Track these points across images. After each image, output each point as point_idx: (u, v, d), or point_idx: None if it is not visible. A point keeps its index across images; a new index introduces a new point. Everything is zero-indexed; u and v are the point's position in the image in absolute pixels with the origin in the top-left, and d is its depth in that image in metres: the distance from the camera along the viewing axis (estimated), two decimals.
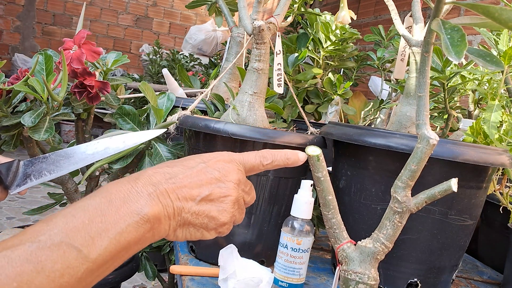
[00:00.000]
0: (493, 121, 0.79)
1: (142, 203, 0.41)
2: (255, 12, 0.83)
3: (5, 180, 0.59)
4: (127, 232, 0.39)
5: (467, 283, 0.93)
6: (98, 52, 0.87)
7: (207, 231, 0.48)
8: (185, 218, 0.46)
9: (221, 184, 0.48)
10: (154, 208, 0.42)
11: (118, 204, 0.40)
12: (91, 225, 0.38)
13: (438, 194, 0.53)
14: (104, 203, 0.40)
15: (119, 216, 0.40)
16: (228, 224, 0.49)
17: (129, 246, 0.40)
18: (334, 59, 1.32)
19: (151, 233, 0.42)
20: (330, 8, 3.50)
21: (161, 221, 0.43)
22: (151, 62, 3.79)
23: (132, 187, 0.43)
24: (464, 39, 0.43)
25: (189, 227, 0.47)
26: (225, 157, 0.51)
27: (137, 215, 0.40)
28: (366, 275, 0.56)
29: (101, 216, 0.39)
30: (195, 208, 0.46)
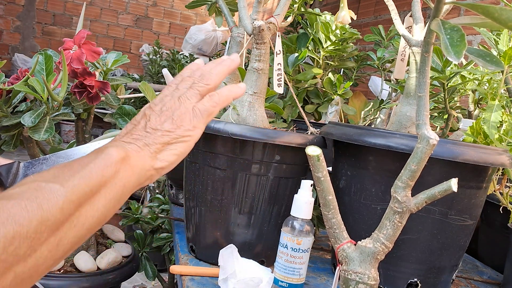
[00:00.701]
0: (493, 121, 0.79)
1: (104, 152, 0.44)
2: (255, 12, 0.83)
3: (5, 182, 0.59)
4: (96, 167, 0.42)
5: (467, 283, 0.93)
6: (98, 52, 0.87)
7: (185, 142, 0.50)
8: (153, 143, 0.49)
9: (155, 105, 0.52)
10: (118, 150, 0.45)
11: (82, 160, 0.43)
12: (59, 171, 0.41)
13: (438, 194, 0.53)
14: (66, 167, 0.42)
15: (84, 162, 0.42)
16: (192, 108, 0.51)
17: (106, 180, 0.42)
18: (334, 59, 1.32)
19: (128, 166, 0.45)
20: (330, 8, 3.50)
21: (129, 155, 0.46)
22: (151, 62, 3.79)
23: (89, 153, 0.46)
24: (464, 39, 0.43)
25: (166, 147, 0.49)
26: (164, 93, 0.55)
27: (103, 157, 0.43)
28: (366, 275, 0.56)
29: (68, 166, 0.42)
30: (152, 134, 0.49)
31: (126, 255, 1.11)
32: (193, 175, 0.84)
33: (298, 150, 0.79)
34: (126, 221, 1.70)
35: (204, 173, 0.81)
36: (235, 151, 0.78)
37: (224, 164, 0.79)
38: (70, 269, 0.96)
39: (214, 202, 0.80)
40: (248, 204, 0.79)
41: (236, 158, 0.78)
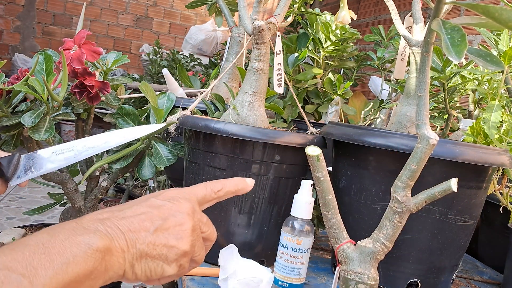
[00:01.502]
0: (493, 121, 0.79)
1: (90, 235, 0.39)
2: (255, 12, 0.83)
3: (6, 173, 0.60)
4: (75, 262, 0.37)
5: (467, 283, 0.93)
6: (98, 52, 0.87)
7: (168, 264, 0.45)
8: (141, 250, 0.43)
9: (175, 213, 0.46)
10: (103, 239, 0.40)
11: (63, 237, 0.38)
12: (33, 256, 0.35)
13: (438, 194, 0.53)
14: (46, 238, 0.37)
15: (64, 247, 0.37)
16: (189, 255, 0.46)
17: (79, 279, 0.37)
18: (334, 59, 1.32)
19: (103, 266, 0.39)
20: (330, 8, 3.51)
21: (112, 252, 0.40)
22: (151, 62, 3.79)
23: (77, 224, 0.41)
24: (465, 39, 0.43)
25: (148, 260, 0.43)
26: (174, 191, 0.50)
27: (84, 245, 0.38)
28: (366, 275, 0.56)
29: (43, 249, 0.36)
30: (150, 238, 0.43)
31: None
32: (193, 175, 0.84)
33: (298, 150, 0.79)
34: None
35: (204, 173, 0.81)
36: (235, 151, 0.78)
37: (224, 164, 0.79)
38: None
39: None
40: (248, 204, 0.79)
41: (236, 158, 0.78)
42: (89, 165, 1.09)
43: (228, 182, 0.54)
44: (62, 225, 0.40)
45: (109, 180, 0.98)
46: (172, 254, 0.44)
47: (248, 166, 0.78)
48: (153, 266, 0.44)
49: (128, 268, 0.42)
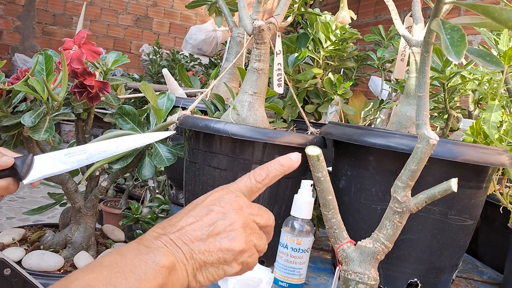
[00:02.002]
0: (493, 121, 0.79)
1: (154, 253, 0.42)
2: (255, 12, 0.83)
3: (20, 172, 0.61)
4: (146, 279, 0.40)
5: (467, 283, 0.93)
6: (98, 52, 0.87)
7: (228, 265, 0.46)
8: (199, 260, 0.45)
9: (222, 216, 0.47)
10: (166, 256, 0.42)
11: (131, 256, 0.41)
12: (110, 275, 0.39)
13: (438, 194, 0.53)
14: (117, 258, 0.41)
15: (134, 265, 0.40)
16: (247, 251, 0.47)
17: None
18: (334, 59, 1.32)
19: (170, 281, 0.42)
20: (330, 8, 3.50)
21: (176, 268, 0.43)
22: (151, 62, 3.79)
23: (139, 243, 0.44)
24: (464, 39, 0.43)
25: (207, 267, 0.45)
26: (219, 192, 0.50)
27: (152, 263, 0.41)
28: (366, 275, 0.56)
29: (117, 268, 0.40)
30: (204, 246, 0.45)
31: None
32: (193, 175, 0.84)
33: (298, 150, 0.79)
34: (126, 221, 1.70)
35: (204, 173, 0.81)
36: (235, 151, 0.78)
37: (224, 164, 0.79)
38: (70, 269, 0.96)
39: None
40: None
41: (236, 158, 0.78)
42: (89, 165, 1.09)
43: (271, 166, 0.52)
44: (127, 246, 0.43)
45: (109, 180, 0.98)
46: (229, 256, 0.46)
47: (248, 166, 0.78)
48: (214, 271, 0.46)
49: (191, 278, 0.45)
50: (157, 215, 1.64)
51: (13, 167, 0.61)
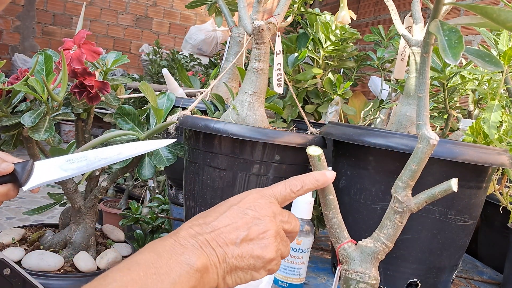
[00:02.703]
0: (493, 121, 0.79)
1: (189, 254, 0.43)
2: (255, 12, 0.83)
3: (20, 178, 0.61)
4: (180, 282, 0.41)
5: (467, 283, 0.93)
6: (98, 52, 0.87)
7: (256, 272, 0.47)
8: (231, 264, 0.46)
9: (257, 221, 0.48)
10: (200, 258, 0.43)
11: (166, 257, 0.42)
12: (147, 277, 0.39)
13: (438, 194, 0.53)
14: (153, 257, 0.42)
15: (170, 267, 0.41)
16: (275, 259, 0.48)
17: None
18: (334, 59, 1.32)
19: (202, 283, 0.43)
20: (330, 8, 3.50)
21: (208, 270, 0.44)
22: (151, 62, 3.79)
23: (175, 241, 0.44)
24: (461, 41, 0.43)
25: (237, 271, 0.47)
26: (254, 195, 0.51)
27: (186, 265, 0.42)
28: (367, 275, 0.56)
29: (153, 269, 0.40)
30: (237, 251, 0.46)
31: (126, 255, 1.11)
32: (193, 175, 0.84)
33: (298, 150, 0.79)
34: (126, 221, 1.70)
35: (204, 173, 0.81)
36: (235, 151, 0.78)
37: (224, 164, 0.79)
38: (70, 269, 0.96)
39: (214, 202, 0.80)
40: None
41: (236, 158, 0.78)
42: None
43: (307, 179, 0.53)
44: (163, 243, 0.44)
45: (109, 180, 0.98)
46: (259, 263, 0.47)
47: (248, 166, 0.78)
48: (242, 275, 0.47)
49: (221, 280, 0.46)
50: (157, 215, 1.64)
51: (13, 173, 0.61)
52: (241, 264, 0.46)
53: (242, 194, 0.51)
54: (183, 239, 0.44)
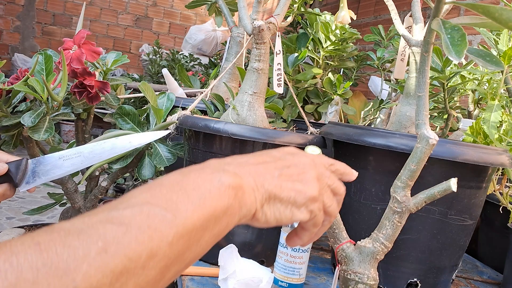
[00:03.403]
0: (493, 121, 0.79)
1: (220, 174, 0.39)
2: (255, 12, 0.83)
3: (15, 178, 0.61)
4: (211, 198, 0.36)
5: (467, 283, 0.93)
6: (98, 52, 0.87)
7: (297, 208, 0.43)
8: (269, 191, 0.42)
9: (296, 163, 0.45)
10: (233, 177, 0.39)
11: (194, 176, 0.38)
12: (171, 193, 0.35)
13: (438, 194, 0.53)
14: (178, 177, 0.37)
15: (198, 184, 0.37)
16: (317, 199, 0.44)
17: (216, 215, 0.36)
18: (334, 59, 1.32)
19: (237, 203, 0.38)
20: (330, 8, 3.50)
21: (244, 189, 0.39)
22: (151, 62, 3.79)
23: (203, 166, 0.40)
24: (465, 38, 0.43)
25: (276, 202, 0.42)
26: (292, 147, 0.49)
27: (218, 182, 0.38)
28: (366, 275, 0.56)
29: (178, 186, 0.36)
30: (276, 181, 0.42)
31: None
32: None
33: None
34: None
35: None
36: (235, 151, 0.78)
37: None
38: None
39: None
40: None
41: None
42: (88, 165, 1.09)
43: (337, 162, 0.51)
44: (189, 168, 0.40)
45: (109, 180, 0.98)
46: (301, 198, 0.43)
47: None
48: (282, 209, 0.43)
49: (259, 207, 0.41)
50: None
51: (8, 174, 0.61)
52: (281, 194, 0.42)
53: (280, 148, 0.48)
54: (213, 165, 0.41)
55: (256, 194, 0.41)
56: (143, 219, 0.32)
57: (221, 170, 0.39)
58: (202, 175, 0.38)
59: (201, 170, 0.39)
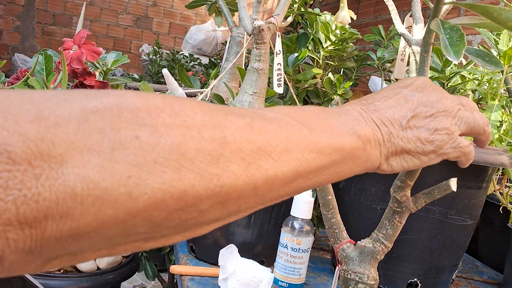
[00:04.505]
0: (493, 121, 0.79)
1: (354, 121, 0.39)
2: (255, 12, 0.83)
3: None
4: (343, 137, 0.37)
5: (467, 283, 0.93)
6: (98, 52, 0.87)
7: (425, 155, 0.43)
8: (396, 144, 0.42)
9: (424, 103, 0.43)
10: (364, 129, 0.39)
11: (330, 115, 0.38)
12: (309, 118, 0.36)
13: (438, 194, 0.53)
14: (318, 110, 0.38)
15: (333, 124, 0.37)
16: (448, 142, 0.43)
17: (343, 154, 0.37)
18: (334, 59, 1.31)
19: (364, 154, 0.39)
20: (330, 8, 3.50)
21: (371, 143, 0.40)
22: (151, 62, 3.79)
23: (339, 109, 0.40)
24: (463, 39, 0.43)
25: (404, 155, 0.42)
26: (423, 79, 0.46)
27: (350, 129, 0.38)
28: (366, 275, 0.56)
29: (315, 116, 0.37)
30: (402, 133, 0.42)
31: (126, 255, 1.12)
32: None
33: None
34: None
35: None
36: None
37: None
38: (70, 269, 0.96)
39: None
40: None
41: None
42: None
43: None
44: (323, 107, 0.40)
45: None
46: (428, 146, 0.43)
47: None
48: (409, 159, 0.43)
49: (383, 160, 0.42)
50: None
51: None
52: (408, 146, 0.42)
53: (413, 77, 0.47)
54: (346, 110, 0.41)
55: (382, 149, 0.41)
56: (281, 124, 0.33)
57: (355, 118, 0.40)
58: (337, 118, 0.39)
59: (333, 113, 0.39)
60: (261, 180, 0.30)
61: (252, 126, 0.30)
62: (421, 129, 0.43)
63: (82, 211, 0.22)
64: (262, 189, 0.30)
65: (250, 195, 0.30)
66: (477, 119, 0.47)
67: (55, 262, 0.25)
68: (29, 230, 0.21)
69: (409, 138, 0.42)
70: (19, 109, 0.22)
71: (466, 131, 0.46)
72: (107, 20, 4.95)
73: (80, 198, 0.22)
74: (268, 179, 0.30)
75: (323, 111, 0.39)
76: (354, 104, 0.43)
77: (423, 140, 0.43)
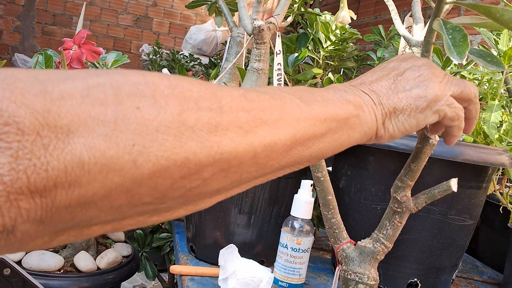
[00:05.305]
0: (493, 121, 0.79)
1: (341, 92, 0.41)
2: (255, 12, 0.83)
3: None
4: (334, 105, 0.38)
5: (467, 283, 0.93)
6: (98, 52, 0.87)
7: (421, 113, 0.43)
8: (388, 105, 0.42)
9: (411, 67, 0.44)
10: (353, 95, 0.40)
11: (319, 89, 0.40)
12: (301, 93, 0.37)
13: (438, 194, 0.53)
14: (305, 88, 0.40)
15: (322, 95, 0.39)
16: (440, 97, 0.43)
17: (338, 120, 0.38)
18: (334, 59, 1.31)
19: (358, 119, 0.40)
20: (330, 8, 3.50)
21: (363, 108, 0.40)
22: (151, 62, 3.79)
23: (327, 87, 0.42)
24: (466, 39, 0.43)
25: (398, 115, 0.42)
26: (412, 54, 0.47)
27: (339, 96, 0.39)
28: (366, 275, 0.56)
29: (306, 90, 0.39)
30: (393, 94, 0.42)
31: (126, 255, 1.11)
32: None
33: None
34: None
35: None
36: None
37: None
38: (70, 269, 0.96)
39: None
40: (248, 204, 0.79)
41: None
42: None
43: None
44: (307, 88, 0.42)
45: None
46: (421, 102, 0.43)
47: None
48: (404, 119, 0.43)
49: (380, 124, 0.42)
50: None
51: None
52: (400, 105, 0.42)
53: (404, 56, 0.47)
54: (333, 86, 0.42)
55: (375, 111, 0.41)
56: (280, 104, 0.34)
57: (342, 90, 0.41)
58: (326, 90, 0.41)
59: (324, 89, 0.41)
60: (260, 147, 0.31)
61: (247, 97, 0.32)
62: (412, 88, 0.43)
63: (90, 179, 0.23)
64: (262, 157, 0.31)
65: (250, 163, 0.31)
66: (468, 85, 0.47)
67: (62, 237, 0.26)
68: (39, 199, 0.22)
69: (401, 98, 0.43)
70: (25, 84, 0.22)
71: (456, 93, 0.45)
72: (107, 20, 4.95)
73: (87, 166, 0.23)
74: (266, 146, 0.31)
75: (311, 88, 0.41)
76: (341, 84, 0.44)
77: (415, 96, 0.43)
